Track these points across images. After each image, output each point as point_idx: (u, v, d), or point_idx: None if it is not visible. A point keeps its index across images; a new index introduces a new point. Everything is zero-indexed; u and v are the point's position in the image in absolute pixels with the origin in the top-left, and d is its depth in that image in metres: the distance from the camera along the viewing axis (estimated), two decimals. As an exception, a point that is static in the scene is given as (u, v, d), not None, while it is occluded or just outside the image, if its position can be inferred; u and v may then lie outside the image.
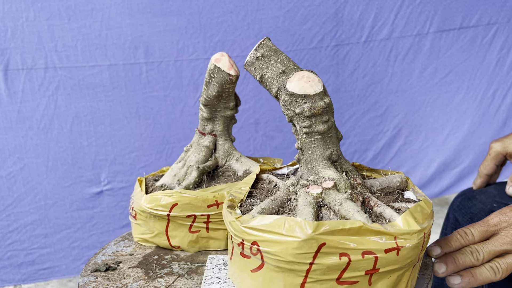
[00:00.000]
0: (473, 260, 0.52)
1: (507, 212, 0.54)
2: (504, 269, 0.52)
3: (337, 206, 0.47)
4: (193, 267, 0.59)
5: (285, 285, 0.44)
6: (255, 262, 0.46)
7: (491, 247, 0.53)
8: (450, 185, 1.74)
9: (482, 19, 1.60)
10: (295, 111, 0.50)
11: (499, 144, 0.74)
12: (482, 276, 0.52)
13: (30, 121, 1.27)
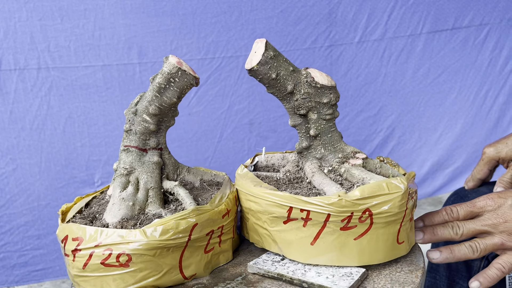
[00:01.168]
0: (452, 233, 0.54)
1: (494, 198, 0.56)
2: (482, 248, 0.53)
3: (378, 169, 0.61)
4: (235, 285, 0.53)
5: (388, 235, 0.52)
6: (361, 229, 0.52)
7: (472, 225, 0.55)
8: (443, 184, 1.76)
9: (474, 20, 1.62)
10: (323, 101, 0.57)
11: (492, 150, 0.75)
12: (460, 253, 0.53)
13: (22, 121, 1.27)
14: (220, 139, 1.44)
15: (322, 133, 0.59)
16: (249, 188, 0.57)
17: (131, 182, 0.58)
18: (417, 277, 0.52)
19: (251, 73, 0.57)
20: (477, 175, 0.77)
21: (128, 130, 0.58)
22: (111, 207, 0.56)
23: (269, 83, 0.57)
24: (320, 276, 0.52)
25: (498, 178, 0.75)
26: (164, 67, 0.56)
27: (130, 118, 0.58)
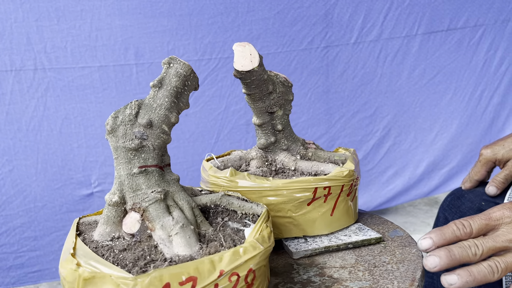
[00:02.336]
0: (471, 255, 0.47)
1: (511, 207, 0.50)
2: (503, 268, 0.47)
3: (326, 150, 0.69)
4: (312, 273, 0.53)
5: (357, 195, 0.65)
6: (353, 193, 0.63)
7: (492, 243, 0.48)
8: (439, 184, 1.77)
9: (469, 21, 1.63)
10: (289, 99, 0.64)
11: (489, 151, 0.75)
12: (481, 275, 0.47)
13: (19, 123, 1.26)
14: (217, 140, 1.44)
15: (285, 127, 0.65)
16: (262, 184, 0.58)
17: (172, 205, 0.49)
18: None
19: (247, 74, 0.58)
20: (474, 176, 0.77)
21: (140, 148, 0.48)
22: (174, 238, 0.46)
23: (258, 83, 0.59)
24: (351, 236, 0.60)
25: (492, 177, 0.75)
26: (179, 69, 0.49)
27: (138, 134, 0.48)
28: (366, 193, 1.68)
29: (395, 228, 0.64)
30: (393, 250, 0.58)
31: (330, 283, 0.51)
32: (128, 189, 0.48)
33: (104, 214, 0.48)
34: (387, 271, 0.53)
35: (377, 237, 0.59)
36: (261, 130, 0.64)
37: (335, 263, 0.55)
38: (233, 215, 0.52)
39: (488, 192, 0.73)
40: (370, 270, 0.53)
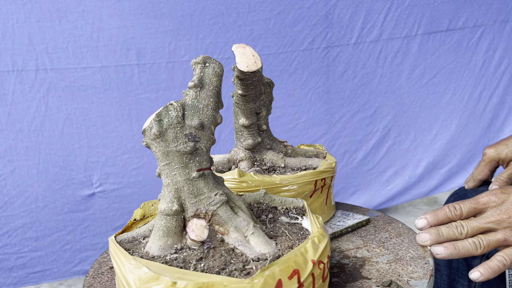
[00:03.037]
0: (456, 233, 0.55)
1: (497, 193, 0.56)
2: (485, 245, 0.54)
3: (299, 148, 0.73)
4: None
5: None
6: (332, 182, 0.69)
7: (476, 223, 0.55)
8: (439, 184, 1.78)
9: (468, 22, 1.64)
10: (272, 99, 0.66)
11: (492, 151, 0.76)
12: (464, 249, 0.54)
13: (20, 123, 1.26)
14: (218, 140, 1.44)
15: (267, 127, 0.67)
16: (274, 181, 0.61)
17: (233, 206, 0.49)
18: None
19: (251, 75, 0.59)
20: (478, 175, 0.78)
21: (194, 151, 0.46)
22: (251, 238, 0.46)
23: (257, 84, 0.61)
24: (345, 221, 0.65)
25: (495, 177, 0.76)
26: (216, 68, 0.48)
27: (190, 137, 0.46)
28: (366, 192, 1.69)
29: (368, 210, 0.70)
30: (384, 227, 0.65)
31: (361, 262, 0.56)
32: (188, 195, 0.46)
33: (161, 226, 0.45)
34: (397, 244, 0.60)
35: (366, 219, 0.66)
36: (248, 131, 0.65)
37: (348, 246, 0.60)
38: (274, 211, 0.52)
39: None
40: (382, 245, 0.60)
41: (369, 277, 0.53)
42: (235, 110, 0.66)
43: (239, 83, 0.61)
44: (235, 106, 0.66)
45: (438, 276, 0.78)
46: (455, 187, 1.77)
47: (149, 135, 0.45)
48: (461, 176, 1.79)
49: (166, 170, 0.45)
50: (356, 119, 1.62)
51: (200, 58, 0.47)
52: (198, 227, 0.45)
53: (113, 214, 1.39)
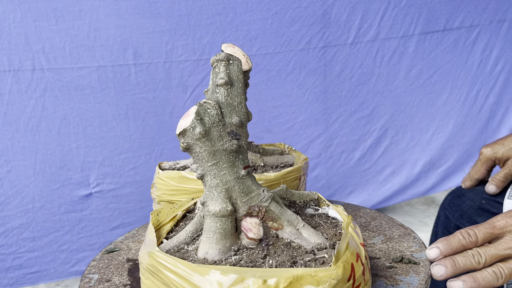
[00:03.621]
0: (474, 263, 0.50)
1: None
2: (507, 274, 0.49)
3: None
4: None
5: None
6: None
7: (495, 250, 0.50)
8: (436, 184, 1.78)
9: (465, 21, 1.64)
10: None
11: (489, 150, 0.76)
12: (485, 281, 0.49)
13: (17, 123, 1.26)
14: (216, 140, 1.44)
15: None
16: (269, 179, 0.62)
17: (278, 201, 0.50)
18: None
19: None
20: (474, 175, 0.78)
21: (239, 149, 0.46)
22: (303, 231, 0.47)
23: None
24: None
25: (492, 176, 0.76)
26: (240, 65, 0.49)
27: (232, 135, 0.46)
28: (363, 192, 1.69)
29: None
30: (355, 213, 0.69)
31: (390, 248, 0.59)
32: (240, 194, 0.45)
33: (217, 228, 0.44)
34: (378, 226, 0.63)
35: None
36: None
37: None
38: (294, 205, 0.53)
39: (488, 190, 0.74)
40: (366, 229, 0.63)
41: (377, 256, 0.56)
42: None
43: None
44: None
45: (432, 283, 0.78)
46: (452, 186, 1.78)
47: (193, 135, 0.44)
48: (458, 176, 1.79)
49: (213, 170, 0.45)
50: (353, 118, 1.62)
51: (223, 55, 0.47)
52: (254, 225, 0.45)
53: (110, 214, 1.39)
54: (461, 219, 0.76)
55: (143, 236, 0.69)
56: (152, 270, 0.42)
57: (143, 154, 1.38)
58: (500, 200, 0.73)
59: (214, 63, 0.47)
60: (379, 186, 1.71)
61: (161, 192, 0.65)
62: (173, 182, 0.63)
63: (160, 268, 0.41)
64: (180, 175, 0.63)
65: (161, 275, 0.41)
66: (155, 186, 0.67)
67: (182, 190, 0.63)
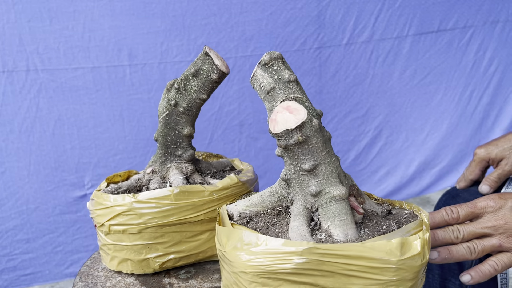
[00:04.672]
0: (452, 237, 0.55)
1: (495, 199, 0.56)
2: (480, 250, 0.54)
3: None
4: None
5: None
6: None
7: (472, 228, 0.55)
8: (430, 184, 1.79)
9: (458, 22, 1.65)
10: None
11: (482, 151, 0.77)
12: (459, 254, 0.54)
13: (11, 124, 1.25)
14: (211, 141, 1.44)
15: None
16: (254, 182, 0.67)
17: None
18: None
19: (223, 76, 0.63)
20: (469, 176, 0.78)
21: None
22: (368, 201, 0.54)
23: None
24: None
25: (485, 176, 0.76)
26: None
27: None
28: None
29: None
30: None
31: None
32: (343, 177, 0.50)
33: (347, 210, 0.48)
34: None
35: None
36: (188, 141, 0.66)
37: None
38: None
39: (481, 191, 0.75)
40: None
41: None
42: (173, 120, 0.63)
43: (210, 87, 0.61)
44: (174, 115, 0.63)
45: (430, 276, 0.79)
46: (447, 186, 1.79)
47: (311, 127, 0.46)
48: (453, 176, 1.80)
49: (327, 159, 0.48)
50: (348, 119, 1.62)
51: (277, 53, 0.49)
52: (357, 203, 0.50)
53: (105, 215, 1.38)
54: (455, 219, 0.77)
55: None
56: (307, 268, 0.42)
57: (138, 155, 1.37)
58: (493, 200, 0.73)
59: (271, 61, 0.49)
60: (374, 187, 1.72)
61: (147, 218, 0.58)
62: (168, 200, 0.58)
63: (326, 260, 0.42)
64: (178, 190, 0.59)
65: (326, 267, 0.42)
66: (127, 214, 0.58)
67: (184, 206, 0.59)
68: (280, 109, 0.46)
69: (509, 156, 0.74)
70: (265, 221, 0.51)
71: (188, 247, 0.61)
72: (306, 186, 0.48)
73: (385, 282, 0.42)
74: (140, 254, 0.60)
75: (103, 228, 0.61)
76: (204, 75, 0.60)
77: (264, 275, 0.43)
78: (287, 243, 0.42)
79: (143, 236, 0.59)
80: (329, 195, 0.47)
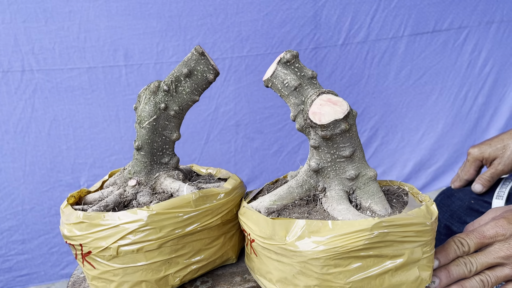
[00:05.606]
0: (466, 272, 0.53)
1: (504, 225, 0.55)
2: (493, 282, 0.53)
3: None
4: None
5: None
6: None
7: (485, 259, 0.54)
8: (426, 184, 1.79)
9: (454, 23, 1.66)
10: None
11: (476, 150, 0.77)
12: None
13: (6, 125, 1.25)
14: (207, 141, 1.44)
15: None
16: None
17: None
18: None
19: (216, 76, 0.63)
20: (464, 176, 0.79)
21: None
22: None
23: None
24: None
25: (478, 176, 0.77)
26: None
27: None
28: (354, 192, 1.70)
29: None
30: None
31: None
32: None
33: (381, 191, 0.53)
34: None
35: None
36: (172, 148, 0.63)
37: None
38: None
39: (474, 189, 0.75)
40: None
41: None
42: (161, 125, 0.59)
43: (204, 88, 0.60)
44: (163, 120, 0.59)
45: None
46: (443, 186, 1.79)
47: (353, 116, 0.50)
48: (448, 176, 1.81)
49: (360, 145, 0.53)
50: (344, 119, 1.62)
51: (296, 52, 0.53)
52: None
53: (101, 216, 1.38)
54: (451, 219, 0.77)
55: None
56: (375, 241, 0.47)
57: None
58: (488, 200, 0.74)
59: (292, 59, 0.52)
60: (370, 187, 1.72)
61: (167, 230, 0.53)
62: (188, 208, 0.54)
63: (390, 231, 0.47)
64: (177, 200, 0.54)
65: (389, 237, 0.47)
66: (143, 230, 0.52)
67: (203, 212, 0.55)
68: (323, 102, 0.49)
69: (502, 155, 0.74)
70: (298, 212, 0.52)
71: (207, 255, 0.58)
72: (342, 172, 0.52)
73: (424, 242, 0.48)
74: (158, 272, 0.54)
75: (105, 253, 0.53)
76: (199, 75, 0.58)
77: (337, 257, 0.46)
78: (354, 223, 0.46)
79: (163, 251, 0.54)
80: (366, 176, 0.53)
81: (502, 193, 0.72)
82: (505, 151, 0.74)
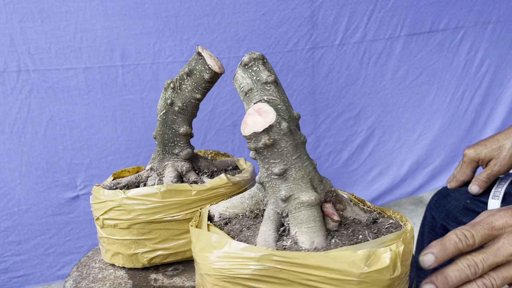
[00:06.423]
0: (470, 276, 0.45)
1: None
2: (499, 284, 0.45)
3: None
4: None
5: None
6: None
7: (494, 259, 0.45)
8: (423, 183, 1.80)
9: (450, 23, 1.66)
10: None
11: (472, 151, 0.77)
12: None
13: (2, 125, 1.24)
14: (204, 141, 1.44)
15: None
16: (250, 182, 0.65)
17: None
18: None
19: (216, 77, 0.62)
20: (460, 177, 0.79)
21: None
22: (355, 208, 0.52)
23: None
24: None
25: (475, 177, 0.77)
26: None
27: (297, 128, 0.49)
28: (351, 192, 1.70)
29: None
30: None
31: None
32: (318, 183, 0.47)
33: (316, 217, 0.45)
34: None
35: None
36: (185, 140, 0.67)
37: None
38: None
39: (471, 191, 0.75)
40: None
41: None
42: (170, 119, 0.64)
43: (203, 86, 0.61)
44: (171, 114, 0.64)
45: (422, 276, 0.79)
46: (439, 186, 1.80)
47: (280, 130, 0.44)
48: (445, 176, 1.82)
49: (298, 163, 0.45)
50: (340, 119, 1.63)
51: (257, 54, 0.47)
52: (333, 209, 0.47)
53: (98, 216, 1.38)
54: (447, 219, 0.77)
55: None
56: (264, 274, 0.41)
57: (131, 155, 1.37)
58: (484, 200, 0.74)
59: (250, 62, 0.47)
60: (367, 187, 1.72)
61: (135, 214, 0.59)
62: (155, 198, 0.59)
63: (284, 268, 0.40)
64: (164, 188, 0.59)
65: (283, 275, 0.40)
66: (118, 209, 0.60)
67: (170, 205, 0.59)
68: (252, 111, 0.44)
69: (498, 156, 0.74)
70: (241, 224, 0.49)
71: (175, 245, 0.61)
72: (277, 191, 0.46)
73: None
74: (129, 248, 0.61)
75: (98, 222, 0.62)
76: (197, 75, 0.61)
77: (224, 279, 0.42)
78: (247, 248, 0.41)
79: (132, 232, 0.60)
80: (298, 200, 0.45)
81: (498, 193, 0.73)
82: (500, 151, 0.74)
